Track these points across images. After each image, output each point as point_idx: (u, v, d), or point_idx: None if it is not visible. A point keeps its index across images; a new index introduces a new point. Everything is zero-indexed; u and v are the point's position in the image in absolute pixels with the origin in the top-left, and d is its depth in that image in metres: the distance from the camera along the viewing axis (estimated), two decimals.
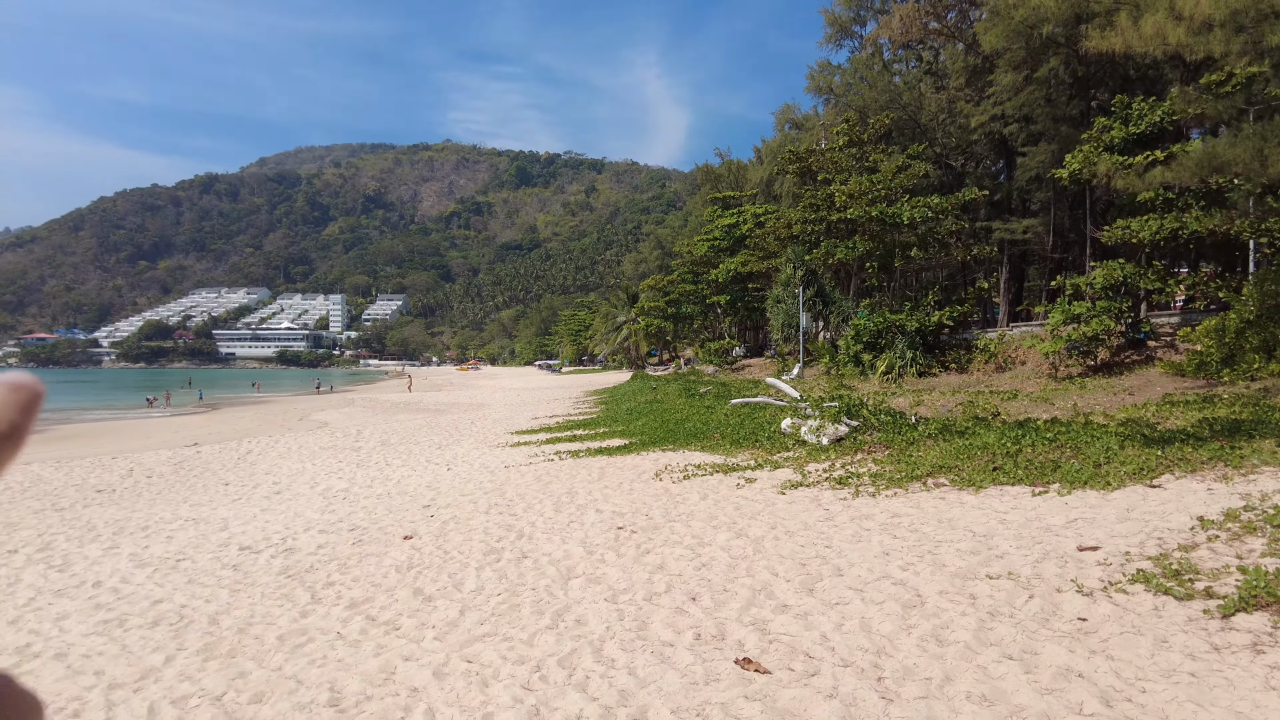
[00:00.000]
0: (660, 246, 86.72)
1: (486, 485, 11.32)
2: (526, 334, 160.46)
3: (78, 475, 14.59)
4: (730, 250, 50.03)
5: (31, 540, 9.14)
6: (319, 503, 10.81)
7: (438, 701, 4.24)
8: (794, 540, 7.06)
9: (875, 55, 41.09)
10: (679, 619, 5.24)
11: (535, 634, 5.14)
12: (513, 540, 7.74)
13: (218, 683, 4.70)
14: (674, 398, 24.93)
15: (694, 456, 12.83)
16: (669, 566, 6.48)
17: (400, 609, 5.86)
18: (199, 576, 7.16)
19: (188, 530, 9.34)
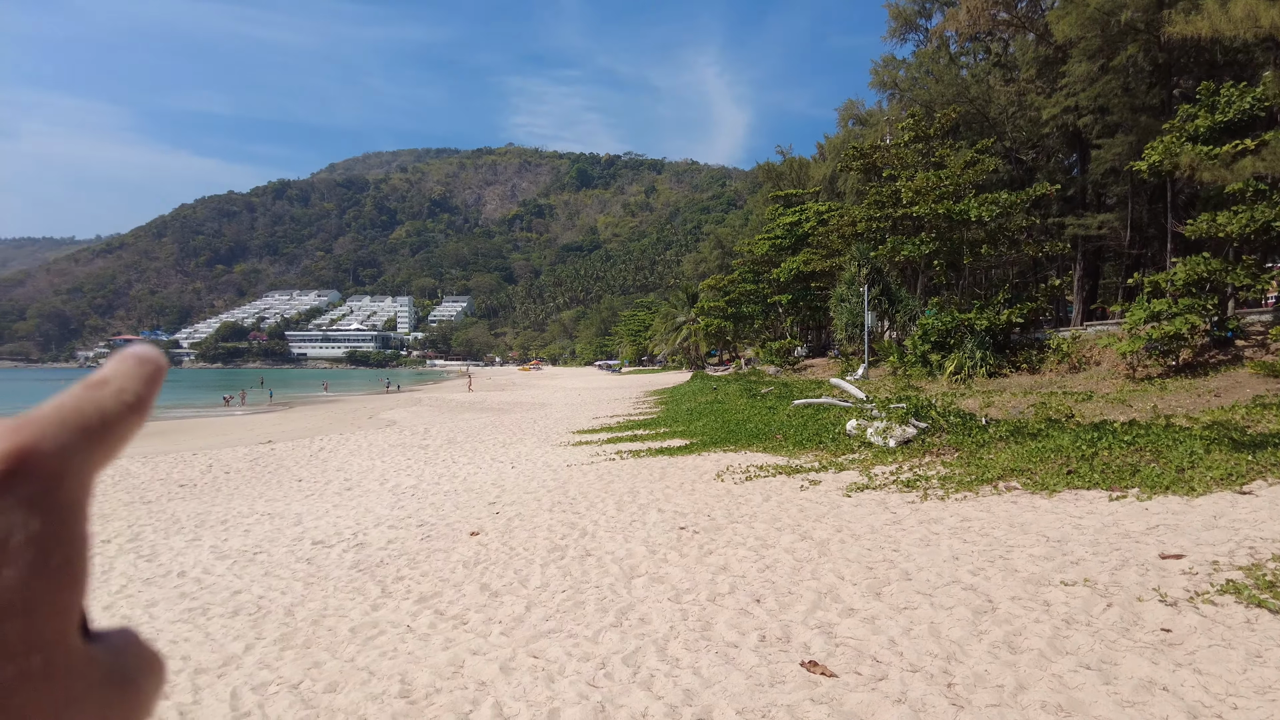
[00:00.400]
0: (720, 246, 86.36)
1: (550, 483, 11.45)
2: (587, 334, 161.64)
3: (162, 470, 15.27)
4: (792, 249, 49.47)
5: (122, 531, 9.61)
6: (388, 499, 11.10)
7: (505, 696, 4.31)
8: (860, 543, 6.96)
9: (941, 49, 40.13)
10: (743, 620, 5.23)
11: (600, 631, 5.19)
12: (576, 538, 7.82)
13: (294, 671, 4.87)
14: (735, 398, 24.79)
15: (756, 458, 12.75)
16: (732, 568, 6.46)
17: (468, 604, 5.98)
18: (275, 569, 7.42)
19: (264, 524, 9.69)
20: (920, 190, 29.87)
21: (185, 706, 4.47)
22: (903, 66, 42.30)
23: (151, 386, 0.31)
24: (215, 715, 4.32)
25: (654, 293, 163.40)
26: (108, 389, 0.29)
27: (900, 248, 31.12)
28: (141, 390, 0.30)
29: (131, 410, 0.29)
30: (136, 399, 0.30)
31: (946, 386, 22.84)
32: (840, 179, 50.06)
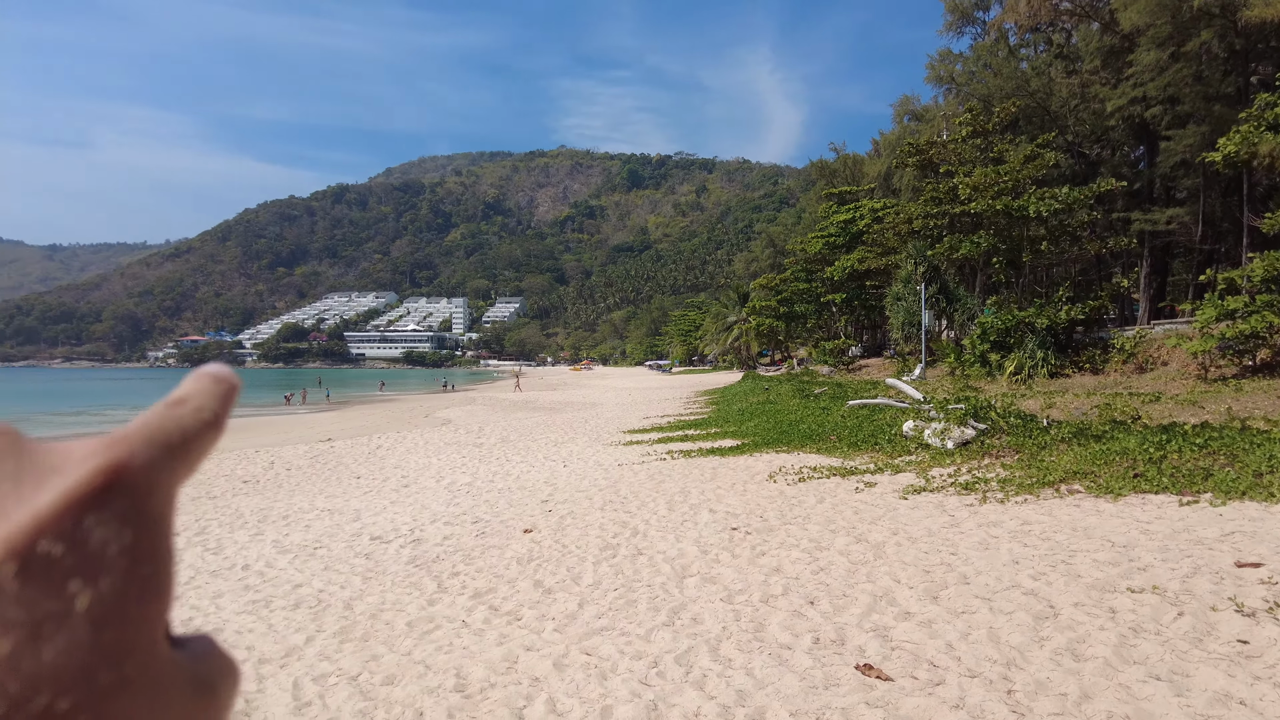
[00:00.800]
0: (772, 245, 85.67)
1: (601, 482, 11.51)
2: (637, 334, 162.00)
3: (226, 466, 15.79)
4: (846, 247, 48.83)
5: (190, 525, 9.97)
6: (444, 496, 11.29)
7: (558, 692, 4.35)
8: (917, 546, 6.83)
9: (1000, 41, 39.19)
10: (797, 622, 5.18)
11: (652, 630, 5.20)
12: (628, 537, 7.84)
13: (353, 664, 4.99)
14: (787, 398, 24.57)
15: (809, 459, 12.62)
16: (785, 569, 6.40)
17: (521, 600, 6.04)
18: (334, 564, 7.60)
19: (324, 520, 9.95)
20: (978, 186, 29.18)
21: (250, 695, 4.61)
22: (959, 60, 41.45)
23: (226, 404, 0.33)
24: (278, 704, 4.45)
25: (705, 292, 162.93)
26: (187, 407, 0.31)
27: (958, 245, 30.45)
28: (218, 408, 0.32)
29: (209, 427, 0.31)
30: (213, 416, 0.31)
31: (1006, 387, 22.27)
32: (896, 176, 49.23)
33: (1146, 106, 28.33)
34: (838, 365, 42.55)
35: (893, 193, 51.48)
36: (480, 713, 4.16)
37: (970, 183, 29.49)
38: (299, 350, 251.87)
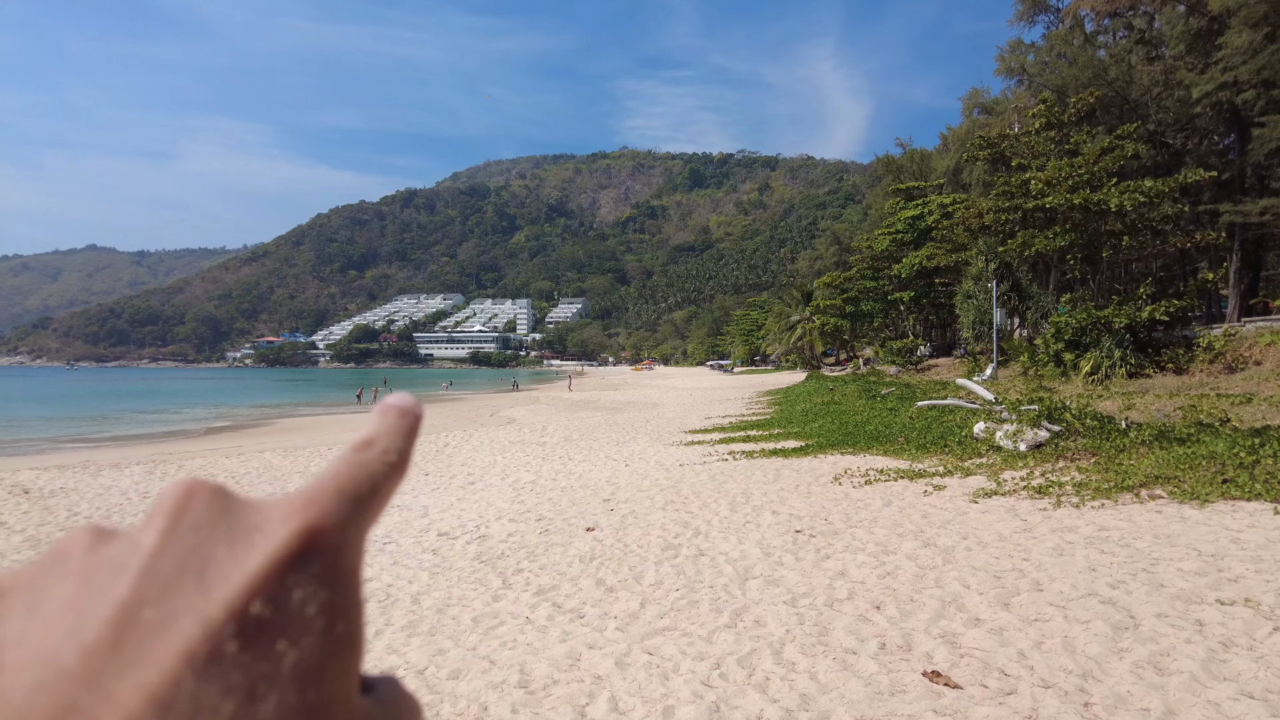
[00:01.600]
0: (837, 242, 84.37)
1: (662, 482, 11.51)
2: (698, 334, 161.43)
3: (300, 463, 16.32)
4: (914, 244, 47.77)
5: None
6: (509, 493, 11.45)
7: (620, 691, 4.36)
8: (987, 551, 6.64)
9: (1075, 29, 37.74)
10: (862, 626, 5.08)
11: (714, 632, 5.17)
12: (689, 538, 7.82)
13: (420, 658, 5.10)
14: (853, 399, 24.17)
15: (876, 461, 12.38)
16: (851, 573, 6.30)
17: (584, 598, 6.09)
18: (403, 559, 7.78)
19: (393, 515, 10.19)
20: (1052, 180, 28.17)
21: None
22: (1032, 50, 40.12)
23: (411, 440, 0.32)
24: None
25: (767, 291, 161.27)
26: (374, 450, 0.30)
27: (1031, 241, 29.45)
28: (404, 446, 0.32)
29: (395, 469, 0.31)
30: (400, 457, 0.31)
31: (1082, 388, 21.45)
32: (965, 170, 47.92)
33: (1237, 91, 26.91)
34: (905, 365, 41.65)
35: (962, 188, 50.15)
36: (543, 709, 4.20)
37: (1044, 177, 28.48)
38: (370, 351, 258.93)
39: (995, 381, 26.20)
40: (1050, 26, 40.83)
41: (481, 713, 4.21)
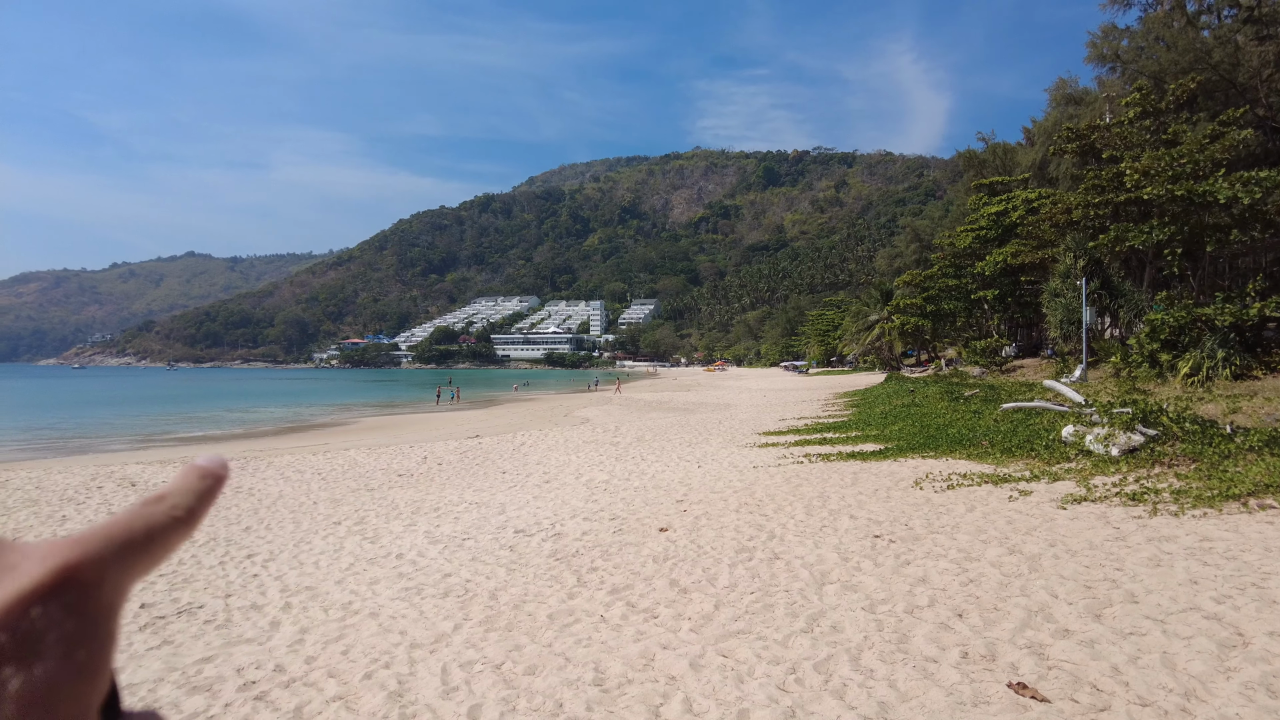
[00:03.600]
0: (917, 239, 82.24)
1: (736, 484, 11.42)
2: (772, 335, 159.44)
3: (383, 461, 16.83)
4: (998, 240, 46.11)
5: (350, 515, 10.70)
6: (583, 492, 11.55)
7: (694, 692, 4.34)
8: (1077, 560, 6.35)
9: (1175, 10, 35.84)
10: (943, 635, 4.93)
11: (789, 636, 5.10)
12: (764, 540, 7.73)
13: (497, 653, 5.18)
14: (934, 401, 23.50)
15: (958, 465, 12.01)
16: (932, 580, 6.12)
17: (657, 598, 6.08)
18: (481, 555, 7.93)
19: (471, 513, 10.41)
20: (1149, 171, 26.78)
21: (403, 677, 4.88)
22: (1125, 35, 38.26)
23: (205, 500, 0.36)
24: (428, 688, 4.69)
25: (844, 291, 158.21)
26: (163, 505, 0.34)
27: (1124, 236, 28.06)
28: (194, 505, 0.35)
29: (180, 523, 0.34)
30: (187, 513, 0.34)
31: (1180, 390, 20.32)
32: (1052, 164, 46.06)
33: None
34: (989, 366, 40.28)
35: (1049, 182, 48.21)
36: (618, 708, 4.22)
37: (1139, 167, 27.10)
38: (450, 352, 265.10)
39: (1084, 383, 25.08)
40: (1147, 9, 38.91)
41: (557, 709, 4.25)
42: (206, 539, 9.33)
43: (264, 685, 4.88)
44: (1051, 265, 35.82)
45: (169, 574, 7.74)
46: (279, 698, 4.68)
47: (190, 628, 6.11)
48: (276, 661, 5.27)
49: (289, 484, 13.65)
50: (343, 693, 4.68)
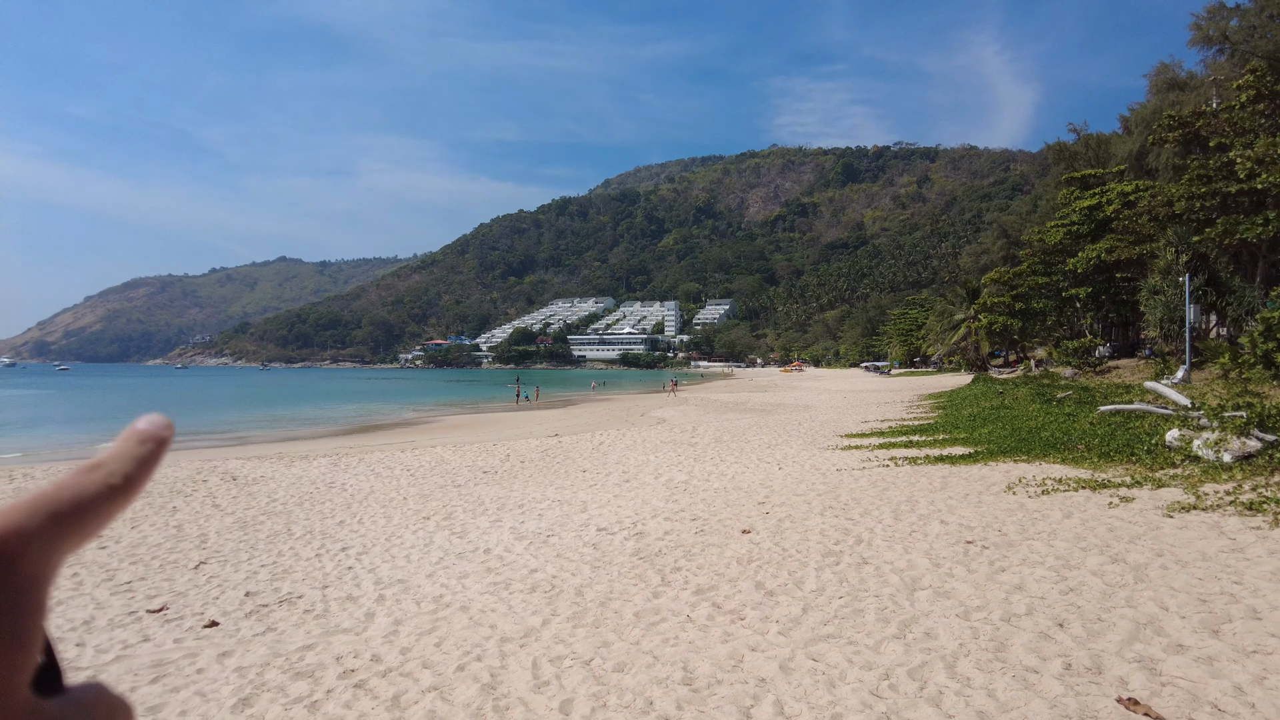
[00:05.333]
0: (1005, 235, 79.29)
1: (819, 487, 11.25)
2: (852, 335, 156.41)
3: (468, 458, 17.23)
4: (1091, 236, 44.12)
5: (439, 510, 11.00)
6: (662, 492, 11.58)
7: (785, 695, 4.30)
8: (1188, 572, 6.02)
9: None
10: (1044, 644, 4.75)
11: (881, 641, 5.00)
12: (851, 545, 7.59)
13: (585, 649, 5.24)
14: (1025, 403, 22.65)
15: (1052, 469, 11.54)
16: (1029, 587, 5.90)
17: (743, 600, 6.05)
18: (565, 552, 8.04)
19: (554, 510, 10.56)
20: (1264, 158, 25.16)
21: (495, 670, 4.99)
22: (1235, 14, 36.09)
23: (146, 467, 0.34)
24: (520, 681, 4.78)
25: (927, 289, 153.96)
26: (98, 474, 0.33)
27: (1234, 229, 26.44)
28: (133, 472, 0.33)
29: (117, 492, 0.32)
30: (124, 480, 0.33)
31: None
32: (1151, 154, 43.74)
33: None
34: (1082, 367, 38.56)
35: (1147, 174, 45.82)
36: (708, 708, 4.21)
37: (1253, 155, 25.49)
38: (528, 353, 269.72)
39: (1189, 385, 23.75)
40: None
41: (647, 706, 4.27)
42: (304, 532, 9.74)
43: (362, 674, 5.06)
44: (1150, 261, 34.11)
45: (270, 564, 8.13)
46: (377, 686, 4.85)
47: (291, 616, 6.38)
48: (373, 651, 5.45)
49: (379, 480, 14.13)
50: (437, 683, 4.81)
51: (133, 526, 10.23)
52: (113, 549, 8.97)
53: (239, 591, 7.15)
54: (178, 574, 7.86)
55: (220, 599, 6.93)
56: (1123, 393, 21.42)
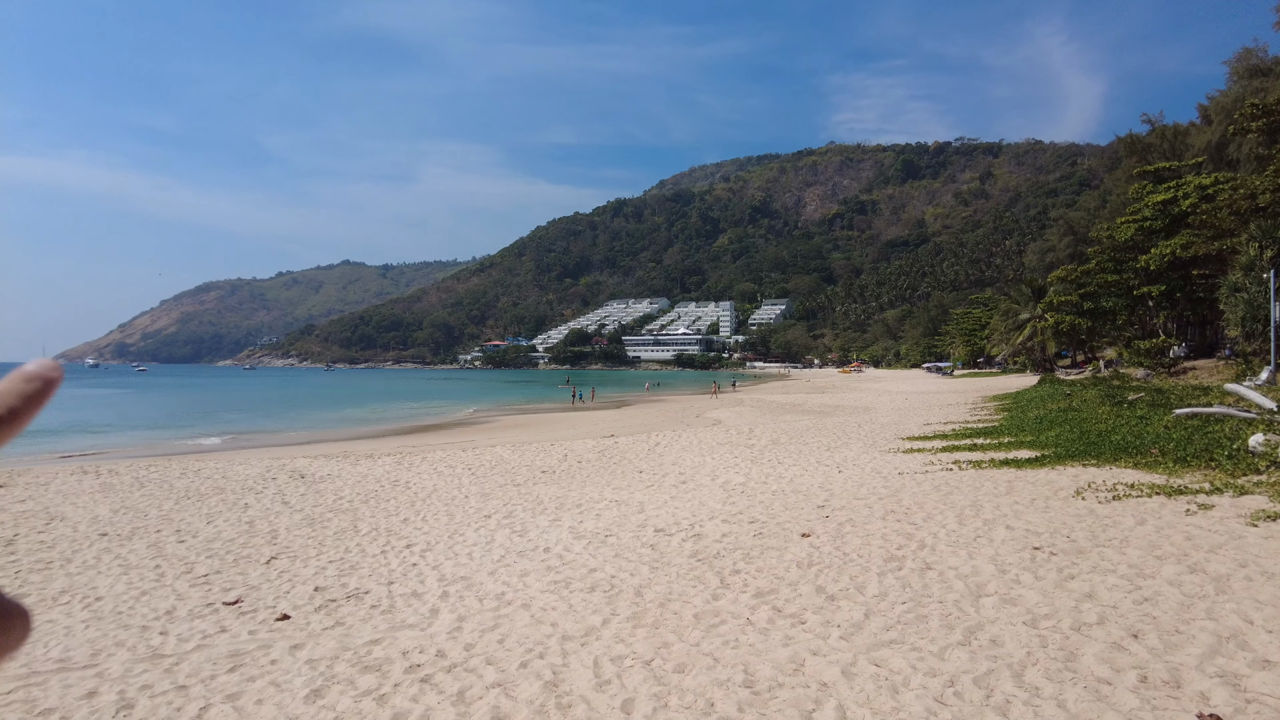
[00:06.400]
0: (1072, 232, 76.90)
1: (880, 490, 11.09)
2: (912, 335, 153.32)
3: (526, 457, 17.47)
4: (1165, 231, 42.42)
5: (499, 509, 11.18)
6: (719, 494, 11.56)
7: (848, 700, 4.27)
8: (1275, 584, 5.77)
9: None
10: (1117, 655, 4.61)
11: (945, 648, 4.92)
12: (913, 550, 7.47)
13: (646, 649, 5.28)
14: (1094, 405, 21.92)
15: (1124, 474, 11.15)
16: (1100, 596, 5.73)
17: (804, 604, 6.01)
18: (623, 552, 8.10)
19: (611, 511, 10.64)
20: None
21: (557, 668, 5.07)
22: None
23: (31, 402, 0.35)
24: (581, 679, 4.84)
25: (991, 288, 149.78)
26: None
27: None
28: (16, 405, 0.35)
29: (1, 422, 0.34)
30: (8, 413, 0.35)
31: None
32: (1232, 145, 41.91)
33: None
34: (1155, 368, 37.11)
35: (1228, 165, 43.92)
36: (769, 711, 4.21)
37: None
38: (583, 353, 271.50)
39: (1274, 387, 22.67)
40: None
41: (709, 708, 4.29)
42: (369, 529, 10.02)
43: (428, 669, 5.19)
44: (1231, 257, 32.64)
45: (338, 560, 8.38)
46: (442, 681, 4.97)
47: (359, 611, 6.58)
48: (438, 647, 5.59)
49: (441, 478, 14.43)
50: (501, 680, 4.91)
51: (208, 522, 10.66)
52: (190, 543, 9.37)
53: (308, 586, 7.39)
54: (250, 568, 8.17)
55: (291, 593, 7.18)
56: (1200, 395, 20.56)
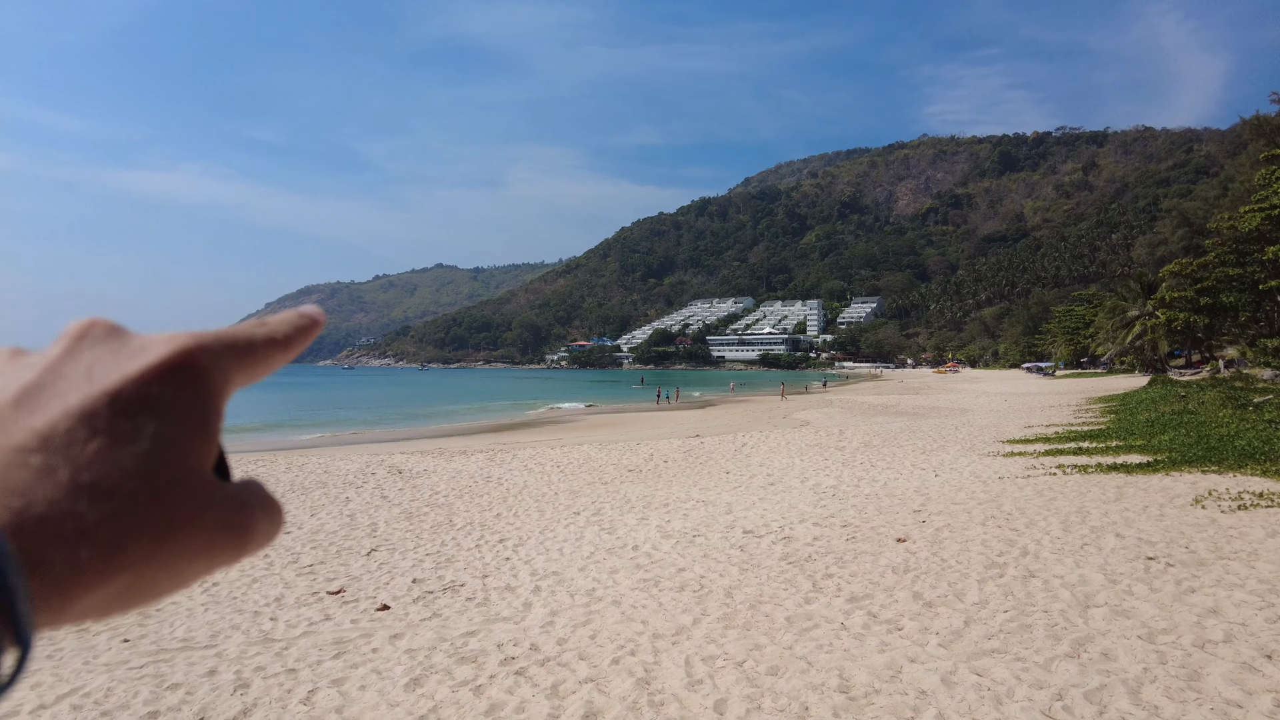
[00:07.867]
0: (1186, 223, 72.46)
1: (979, 495, 10.70)
2: (1012, 333, 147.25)
3: (613, 456, 17.62)
4: None
5: (588, 506, 11.32)
6: (809, 497, 11.38)
7: (948, 709, 4.14)
8: None
9: None
10: (1248, 677, 4.32)
11: (1052, 660, 4.71)
12: (1016, 557, 7.18)
13: (737, 650, 5.25)
14: (1213, 408, 20.56)
15: (1250, 482, 10.42)
16: (1225, 611, 5.38)
17: (900, 610, 5.86)
18: (712, 552, 8.07)
19: (699, 511, 10.62)
20: None
21: (649, 665, 5.09)
22: None
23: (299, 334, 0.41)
24: (673, 678, 4.85)
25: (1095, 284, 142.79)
26: (264, 328, 0.40)
27: None
28: (289, 333, 0.41)
29: (273, 344, 0.39)
30: (283, 337, 0.40)
31: None
32: None
33: None
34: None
35: None
36: (866, 716, 4.13)
37: None
38: (667, 353, 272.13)
39: None
40: None
41: (803, 712, 4.24)
42: (464, 523, 10.31)
43: (522, 661, 5.30)
44: None
45: (434, 553, 8.65)
46: (536, 674, 5.06)
47: (454, 603, 6.77)
48: (531, 640, 5.70)
49: (531, 475, 14.72)
50: (593, 675, 4.97)
51: (312, 514, 11.18)
52: (295, 534, 9.84)
53: (407, 578, 7.65)
54: (352, 559, 8.52)
55: (390, 584, 7.45)
56: None
